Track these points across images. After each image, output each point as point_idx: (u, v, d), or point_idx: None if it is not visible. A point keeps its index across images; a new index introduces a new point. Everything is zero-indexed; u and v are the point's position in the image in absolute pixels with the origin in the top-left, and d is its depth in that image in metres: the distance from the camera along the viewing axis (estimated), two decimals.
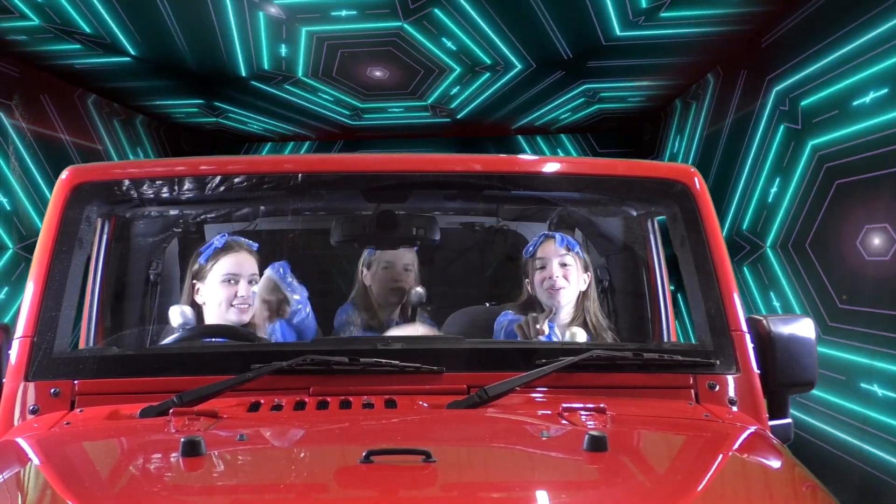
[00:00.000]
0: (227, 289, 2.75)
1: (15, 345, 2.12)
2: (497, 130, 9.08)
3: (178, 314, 2.74)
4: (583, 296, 2.91)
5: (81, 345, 2.75)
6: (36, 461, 1.78)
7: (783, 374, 2.19)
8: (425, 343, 2.59)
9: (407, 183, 2.51)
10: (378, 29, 5.43)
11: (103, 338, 2.81)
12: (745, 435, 1.94)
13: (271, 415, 1.96)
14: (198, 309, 2.79)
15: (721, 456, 1.84)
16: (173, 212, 2.99)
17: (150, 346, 2.90)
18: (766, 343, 2.20)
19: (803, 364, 2.20)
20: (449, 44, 5.69)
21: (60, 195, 2.26)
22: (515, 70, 6.36)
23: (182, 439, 1.62)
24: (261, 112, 7.83)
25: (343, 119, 8.25)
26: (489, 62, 6.11)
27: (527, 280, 2.98)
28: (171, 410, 1.89)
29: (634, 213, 2.88)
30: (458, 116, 8.12)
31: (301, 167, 2.46)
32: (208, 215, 3.21)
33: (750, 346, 2.19)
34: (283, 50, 5.79)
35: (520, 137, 9.33)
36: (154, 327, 3.05)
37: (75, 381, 2.10)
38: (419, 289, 3.19)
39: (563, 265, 2.88)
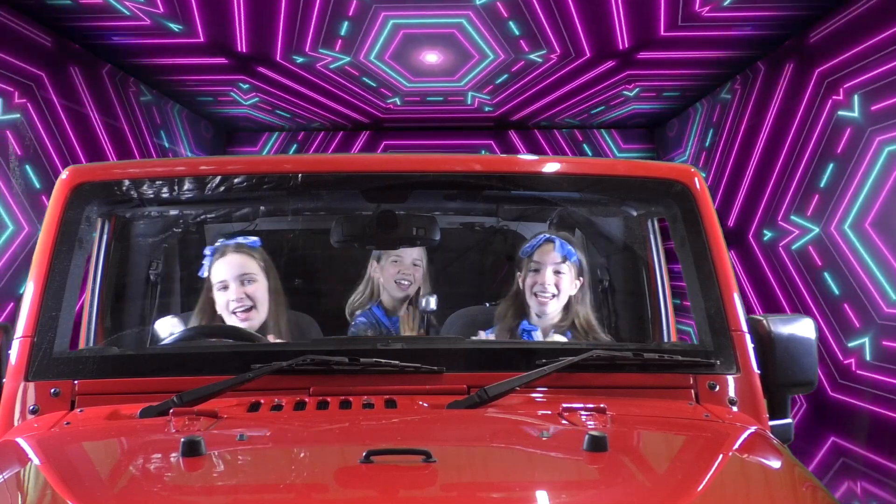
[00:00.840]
0: (222, 296, 2.78)
1: (15, 345, 2.12)
2: (521, 125, 9.06)
3: (167, 326, 2.76)
4: (571, 299, 2.90)
5: (81, 345, 2.75)
6: (36, 461, 1.78)
7: (783, 374, 2.19)
8: (425, 343, 2.59)
9: (407, 183, 2.51)
10: (451, 5, 5.30)
11: (103, 338, 2.82)
12: (745, 435, 1.94)
13: (271, 415, 1.96)
14: (220, 319, 2.81)
15: (721, 456, 1.84)
16: (173, 212, 2.99)
17: (150, 346, 2.90)
18: (766, 343, 2.20)
19: (803, 364, 2.20)
20: (514, 27, 5.61)
21: (60, 195, 2.25)
22: (569, 58, 6.32)
23: (182, 439, 1.61)
24: (294, 95, 7.59)
25: (375, 110, 8.14)
26: (545, 49, 6.05)
27: (519, 274, 2.99)
28: (171, 410, 1.89)
29: (634, 213, 2.88)
30: (491, 107, 8.08)
31: (301, 167, 2.46)
32: (208, 215, 3.21)
33: (750, 346, 2.19)
34: (345, 28, 5.61)
35: (536, 132, 9.37)
36: (154, 327, 3.05)
37: (75, 381, 2.09)
38: (432, 298, 3.17)
39: (557, 273, 2.88)
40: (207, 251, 2.87)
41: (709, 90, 7.48)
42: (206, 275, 2.85)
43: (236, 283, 2.76)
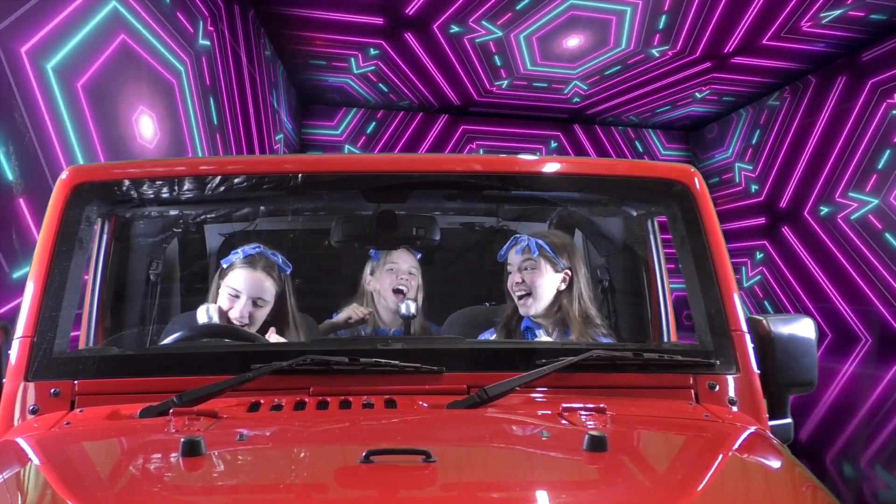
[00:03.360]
0: (228, 302, 2.80)
1: (15, 345, 2.12)
2: (589, 119, 9.28)
3: (204, 313, 2.76)
4: (559, 294, 2.88)
5: (81, 345, 2.75)
6: (36, 461, 1.78)
7: (783, 374, 2.19)
8: (425, 343, 2.60)
9: (407, 183, 2.51)
10: None
11: (103, 338, 2.82)
12: (745, 435, 1.94)
13: (271, 415, 1.96)
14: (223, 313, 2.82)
15: (721, 456, 1.84)
16: (173, 212, 2.99)
17: (150, 346, 2.90)
18: (766, 343, 2.20)
19: (803, 364, 2.20)
20: (662, 21, 5.58)
21: (60, 195, 2.25)
22: (680, 56, 6.40)
23: (182, 439, 1.61)
24: (413, 67, 7.42)
25: (476, 91, 8.08)
26: (667, 46, 6.06)
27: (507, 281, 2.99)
28: (171, 410, 1.89)
29: (634, 213, 2.88)
30: (580, 98, 8.09)
31: (301, 167, 2.46)
32: (208, 215, 3.21)
33: (750, 346, 2.19)
34: (528, 1, 5.50)
35: (597, 127, 9.86)
36: (154, 327, 3.05)
37: (75, 381, 2.10)
38: (410, 302, 3.17)
39: (524, 269, 2.87)
40: (244, 250, 2.85)
41: (756, 97, 8.34)
42: (226, 266, 2.85)
43: (247, 300, 2.78)
